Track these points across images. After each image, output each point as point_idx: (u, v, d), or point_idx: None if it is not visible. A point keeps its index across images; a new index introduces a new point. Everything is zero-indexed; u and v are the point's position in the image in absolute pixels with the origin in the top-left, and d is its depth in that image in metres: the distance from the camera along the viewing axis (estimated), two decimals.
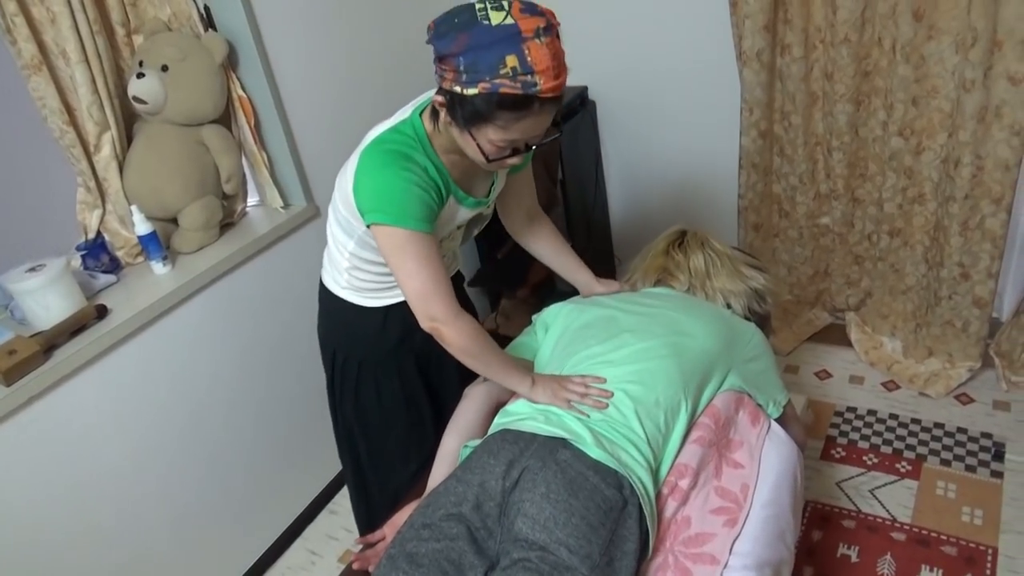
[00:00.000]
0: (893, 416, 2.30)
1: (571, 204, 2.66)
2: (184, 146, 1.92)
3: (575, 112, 2.65)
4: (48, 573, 1.68)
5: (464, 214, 1.46)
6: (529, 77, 1.14)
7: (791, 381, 2.53)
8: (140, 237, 1.86)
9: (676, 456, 1.39)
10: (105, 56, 1.81)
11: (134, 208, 1.84)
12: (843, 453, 2.21)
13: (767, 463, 1.46)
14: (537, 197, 1.70)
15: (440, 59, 1.19)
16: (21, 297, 1.66)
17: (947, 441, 2.17)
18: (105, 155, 1.87)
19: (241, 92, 2.01)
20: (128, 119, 1.95)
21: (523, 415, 1.39)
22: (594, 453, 1.26)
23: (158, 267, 1.89)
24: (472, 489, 1.26)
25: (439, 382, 1.67)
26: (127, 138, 1.93)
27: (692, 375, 1.45)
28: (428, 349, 1.58)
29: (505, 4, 1.15)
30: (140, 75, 1.84)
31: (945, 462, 2.11)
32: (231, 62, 1.98)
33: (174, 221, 1.99)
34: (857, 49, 2.18)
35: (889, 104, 2.20)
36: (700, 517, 1.34)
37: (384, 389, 1.59)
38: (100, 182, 1.89)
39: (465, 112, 1.21)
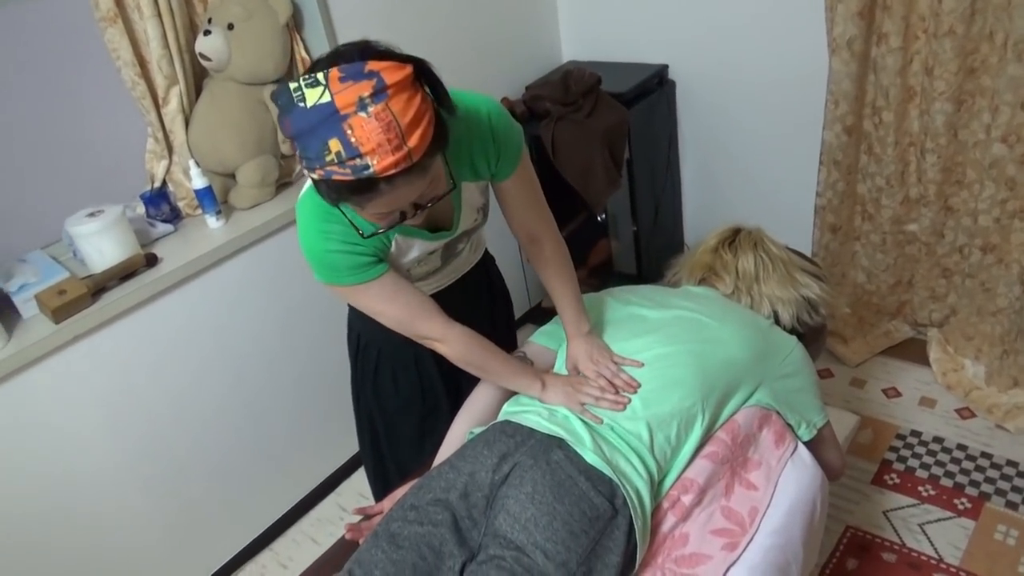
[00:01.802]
0: (961, 447, 2.12)
1: (638, 186, 2.56)
2: (245, 104, 1.96)
3: (651, 91, 2.54)
4: (85, 505, 1.79)
5: (425, 246, 1.33)
6: (358, 160, 0.96)
7: (854, 396, 2.38)
8: (196, 190, 1.92)
9: (684, 469, 1.33)
10: (178, 12, 1.86)
11: (191, 162, 1.90)
12: (897, 480, 2.06)
13: (784, 488, 1.37)
14: (547, 220, 1.48)
15: None
16: (78, 240, 1.74)
17: (1019, 482, 1.98)
18: (172, 108, 1.93)
19: (304, 53, 2.03)
20: (199, 74, 2.00)
21: (528, 408, 1.35)
22: (589, 457, 1.22)
23: (211, 220, 1.95)
24: (462, 478, 1.24)
25: (458, 370, 1.65)
26: (195, 93, 1.99)
27: (714, 386, 1.37)
28: None
29: (321, 78, 0.96)
30: (207, 32, 1.88)
31: (1012, 504, 1.92)
32: (296, 23, 2.00)
33: (234, 177, 2.04)
34: (963, 43, 1.97)
35: (995, 106, 1.99)
36: (699, 536, 1.27)
37: (401, 378, 1.58)
38: (167, 134, 1.96)
39: (324, 195, 1.07)
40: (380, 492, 1.76)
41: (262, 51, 1.92)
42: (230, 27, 1.89)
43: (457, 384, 1.62)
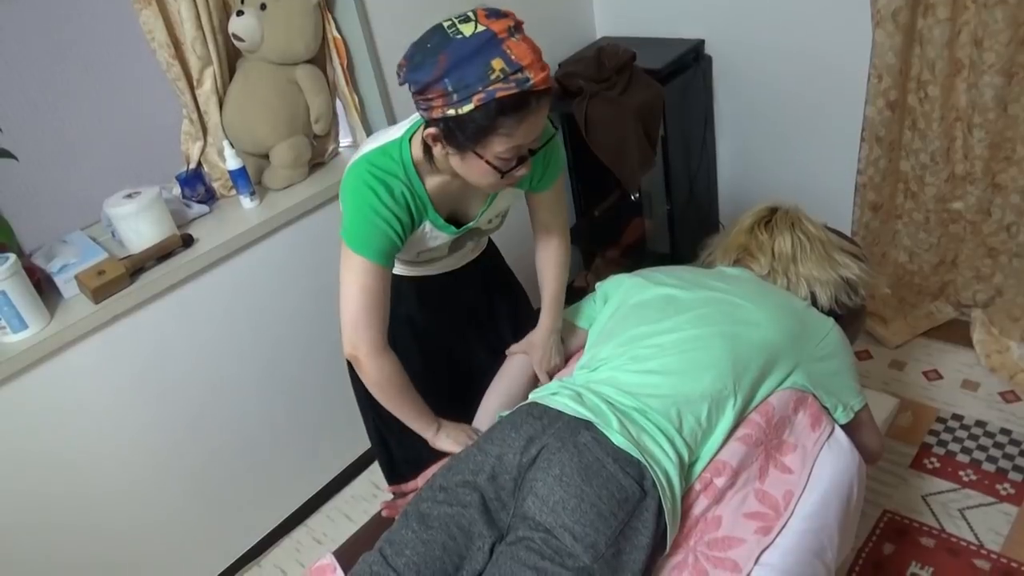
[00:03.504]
0: (1005, 431, 2.07)
1: (672, 164, 2.52)
2: (277, 84, 1.96)
3: (687, 67, 2.49)
4: (124, 484, 1.84)
5: (442, 238, 1.41)
6: (520, 74, 1.11)
7: (894, 378, 2.33)
8: (230, 171, 1.93)
9: (717, 452, 1.31)
10: None
11: (225, 143, 1.91)
12: (937, 464, 2.01)
13: (820, 471, 1.35)
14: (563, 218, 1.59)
15: (422, 91, 1.14)
16: (116, 221, 1.77)
17: None
18: (207, 89, 1.94)
19: (336, 33, 2.02)
20: (232, 55, 2.01)
21: (555, 390, 1.35)
22: (617, 439, 1.21)
23: (246, 201, 1.97)
24: (490, 460, 1.24)
25: (461, 353, 1.65)
26: (229, 74, 2.00)
27: (747, 369, 1.35)
28: (440, 324, 1.59)
29: (471, 15, 1.13)
30: (240, 12, 1.88)
31: None
32: (328, 3, 1.99)
33: (267, 158, 2.06)
34: (1016, 12, 1.89)
35: None
36: (732, 520, 1.26)
37: (402, 355, 1.58)
38: (202, 115, 1.98)
39: (467, 132, 1.15)
40: (387, 476, 1.77)
41: (294, 31, 1.92)
42: (262, 7, 1.89)
43: (461, 368, 1.63)
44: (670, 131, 2.46)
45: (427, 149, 1.26)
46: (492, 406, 1.51)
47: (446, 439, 1.43)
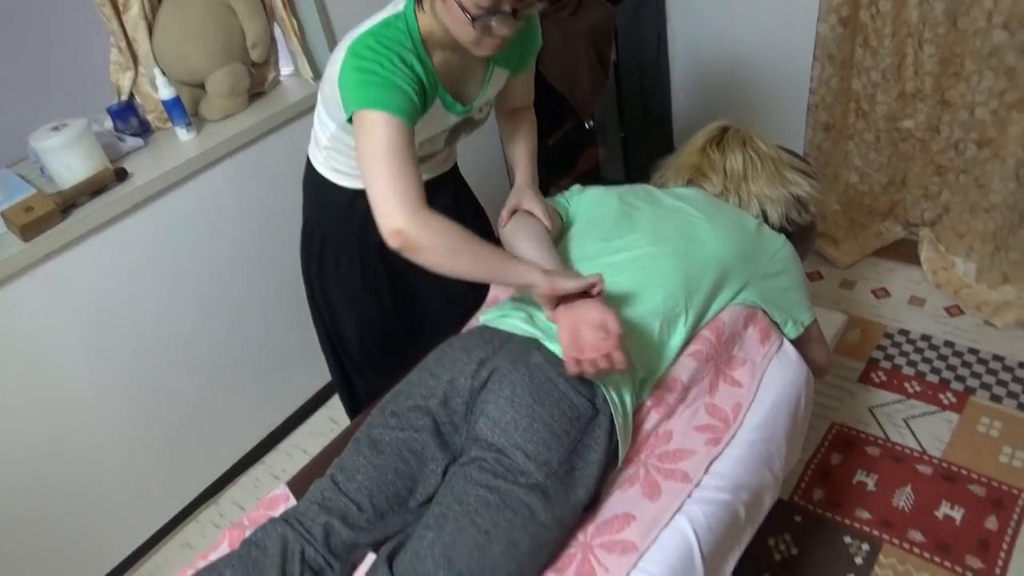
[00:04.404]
0: (949, 344, 2.13)
1: (625, 90, 2.48)
2: (209, 8, 1.86)
3: None
4: (70, 428, 1.80)
5: (449, 120, 1.38)
6: None
7: (844, 297, 2.37)
8: (164, 102, 1.85)
9: (668, 369, 1.32)
10: None
11: (157, 71, 1.82)
12: (884, 378, 2.07)
13: (769, 384, 1.37)
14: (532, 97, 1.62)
15: None
16: (44, 156, 1.69)
17: (1004, 376, 2.00)
18: (134, 14, 1.83)
19: None
20: None
21: (506, 312, 1.33)
22: None
23: (182, 133, 1.89)
24: (442, 384, 1.23)
25: (407, 291, 1.61)
26: None
27: (698, 286, 1.35)
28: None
29: None
30: None
31: (996, 398, 1.94)
32: None
33: (203, 87, 1.96)
34: None
35: None
36: (683, 433, 1.28)
37: (346, 272, 1.57)
38: (131, 43, 1.87)
39: None
40: (349, 407, 1.77)
41: None
42: None
43: (405, 286, 1.60)
44: (622, 54, 2.41)
45: (419, 3, 1.22)
46: (529, 253, 1.38)
47: (565, 280, 1.18)
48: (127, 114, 1.90)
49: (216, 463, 2.16)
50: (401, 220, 1.14)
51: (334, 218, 1.53)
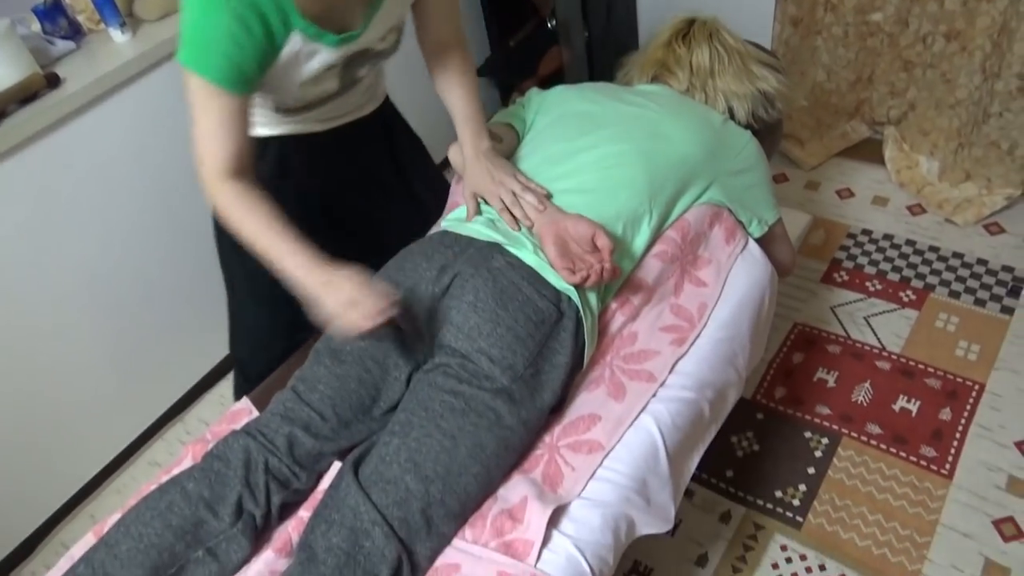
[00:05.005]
0: (910, 242, 2.14)
1: None
2: None
3: None
4: (22, 344, 1.74)
5: (328, 55, 1.14)
6: None
7: (808, 198, 2.36)
8: (94, 1, 1.71)
9: (633, 270, 1.30)
10: None
11: None
12: (846, 277, 2.08)
13: (734, 283, 1.36)
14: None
15: None
16: None
17: (962, 272, 2.02)
18: None
19: None
20: None
21: (460, 217, 1.29)
22: (529, 259, 1.18)
23: (116, 35, 1.76)
24: (402, 292, 1.20)
25: (369, 216, 1.52)
26: None
27: (663, 185, 1.32)
28: (340, 188, 1.45)
29: None
30: None
31: (954, 294, 1.97)
32: None
33: None
34: None
35: None
36: (648, 334, 1.27)
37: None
38: None
39: None
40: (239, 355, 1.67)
41: None
42: None
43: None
44: None
45: None
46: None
47: (338, 292, 1.03)
48: (55, 14, 1.77)
49: (180, 381, 2.13)
50: (206, 176, 1.11)
51: None
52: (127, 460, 2.05)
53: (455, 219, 1.32)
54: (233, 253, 1.41)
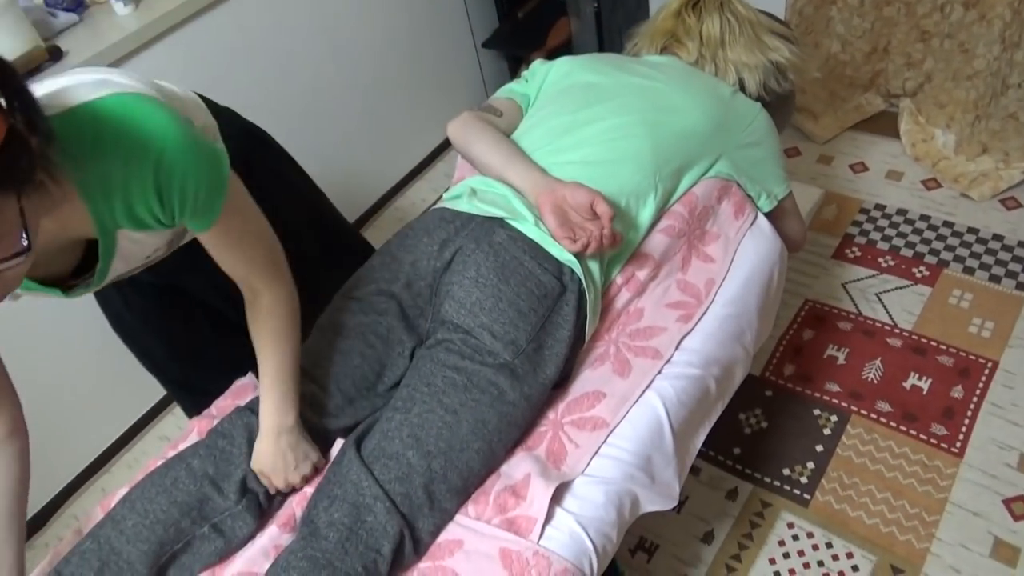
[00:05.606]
0: (924, 217, 2.11)
1: None
2: None
3: None
4: (32, 318, 1.74)
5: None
6: None
7: (821, 172, 2.32)
8: None
9: (639, 245, 1.28)
10: None
11: None
12: (858, 253, 2.05)
13: (742, 258, 1.34)
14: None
15: None
16: None
17: (977, 248, 1.99)
18: None
19: None
20: None
21: (461, 194, 1.28)
22: (531, 232, 1.16)
23: (119, 7, 1.74)
24: (404, 268, 1.19)
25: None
26: None
27: (669, 159, 1.29)
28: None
29: None
30: None
31: (968, 270, 1.94)
32: None
33: None
34: None
35: None
36: (654, 310, 1.25)
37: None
38: None
39: None
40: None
41: None
42: None
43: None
44: None
45: None
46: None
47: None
48: None
49: None
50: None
51: None
52: (137, 434, 2.07)
53: (455, 194, 1.30)
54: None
